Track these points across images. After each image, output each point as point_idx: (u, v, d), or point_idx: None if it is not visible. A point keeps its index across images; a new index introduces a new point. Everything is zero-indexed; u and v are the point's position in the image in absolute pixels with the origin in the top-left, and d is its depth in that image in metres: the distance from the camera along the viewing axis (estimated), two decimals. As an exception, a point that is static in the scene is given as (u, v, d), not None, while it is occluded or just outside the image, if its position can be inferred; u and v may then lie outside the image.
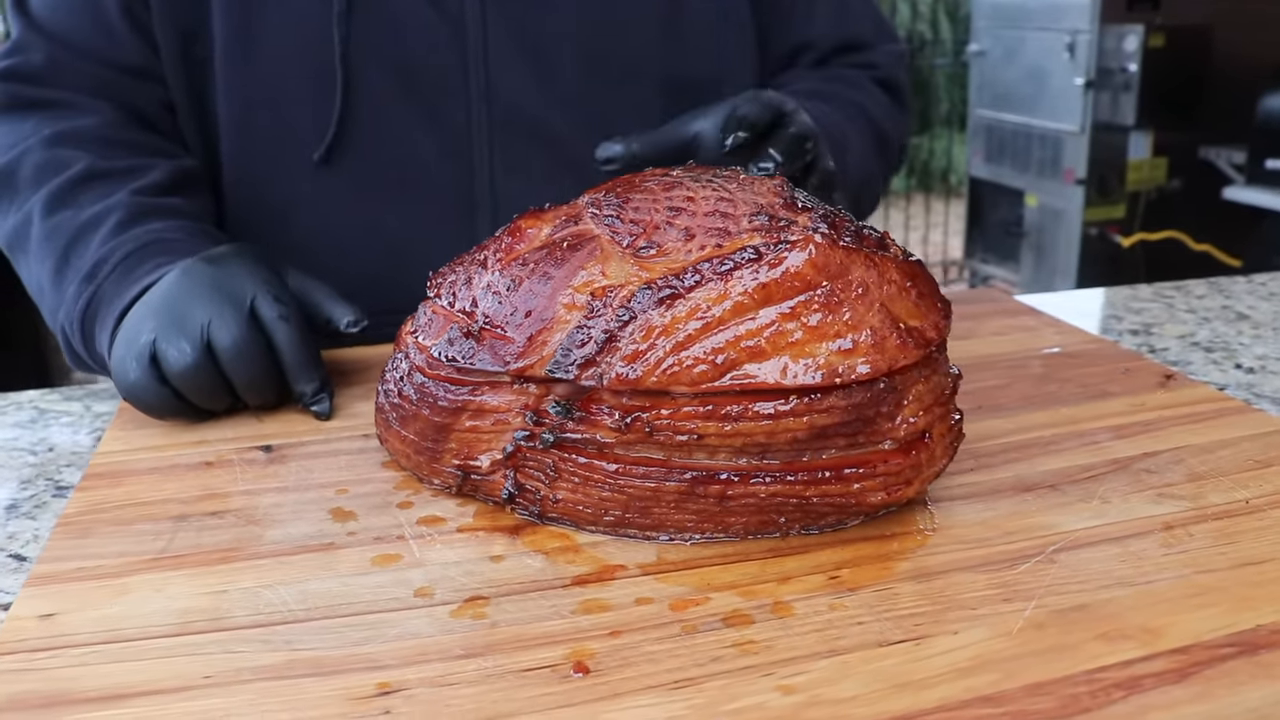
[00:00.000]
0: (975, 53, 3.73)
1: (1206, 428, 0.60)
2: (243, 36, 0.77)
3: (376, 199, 0.80)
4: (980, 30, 3.70)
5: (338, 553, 0.49)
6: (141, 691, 0.39)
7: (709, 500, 0.46)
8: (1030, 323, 0.80)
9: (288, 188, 0.80)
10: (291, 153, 0.79)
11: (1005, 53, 3.56)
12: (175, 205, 0.74)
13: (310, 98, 0.77)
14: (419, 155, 0.80)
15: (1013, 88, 3.52)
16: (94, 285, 0.68)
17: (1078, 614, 0.42)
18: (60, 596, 0.45)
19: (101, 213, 0.71)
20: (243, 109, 0.78)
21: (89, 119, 0.77)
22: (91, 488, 0.56)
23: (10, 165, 0.76)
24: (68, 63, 0.78)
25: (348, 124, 0.78)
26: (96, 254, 0.69)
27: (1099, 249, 3.20)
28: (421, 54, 0.78)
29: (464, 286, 0.50)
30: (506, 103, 0.79)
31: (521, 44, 0.78)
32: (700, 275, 0.44)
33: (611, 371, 0.44)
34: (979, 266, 3.91)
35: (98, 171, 0.74)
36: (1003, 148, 3.60)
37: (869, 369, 0.43)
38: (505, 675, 0.40)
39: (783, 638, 0.41)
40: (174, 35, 0.77)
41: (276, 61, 0.77)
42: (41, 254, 0.73)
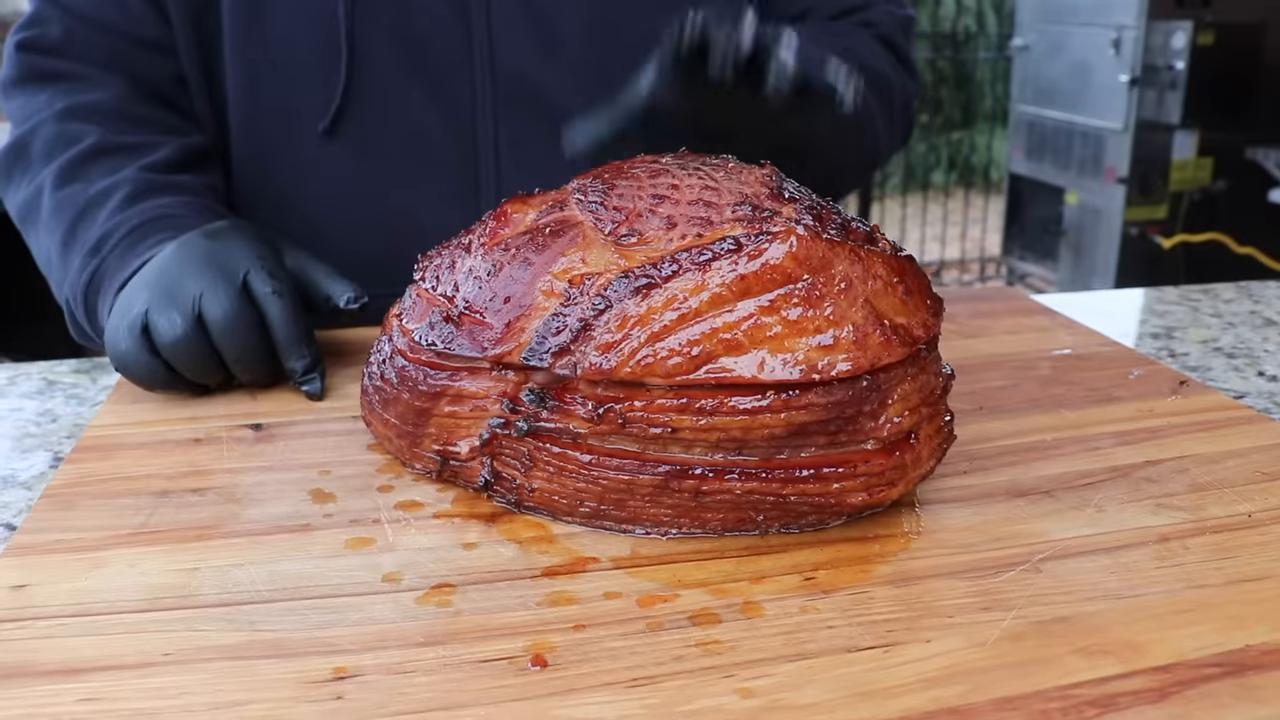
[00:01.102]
0: (1019, 47, 3.66)
1: (1215, 437, 0.58)
2: (251, 8, 0.77)
3: (381, 172, 0.80)
4: (1024, 25, 3.63)
5: (312, 534, 0.48)
6: (101, 666, 0.39)
7: (684, 495, 0.45)
8: (1044, 323, 0.78)
9: (294, 160, 0.80)
10: (298, 124, 0.79)
11: (1049, 48, 3.49)
12: (182, 182, 0.74)
13: (317, 69, 0.77)
14: (424, 128, 0.79)
15: (1056, 84, 3.46)
16: (98, 259, 0.68)
17: (1058, 626, 0.41)
18: (35, 568, 0.46)
19: (109, 187, 0.71)
20: (250, 81, 0.78)
21: (102, 93, 0.77)
22: (80, 460, 0.56)
23: (24, 138, 0.76)
24: (83, 35, 0.78)
25: (353, 96, 0.78)
26: (102, 228, 0.69)
27: (1139, 249, 3.14)
28: (426, 27, 0.77)
29: (447, 270, 0.49)
30: (510, 77, 0.78)
31: (526, 17, 0.78)
32: (678, 265, 0.43)
33: (585, 361, 0.43)
34: (1016, 264, 3.85)
35: (108, 146, 0.74)
36: (1044, 144, 3.53)
37: (850, 366, 0.42)
38: (462, 665, 0.39)
39: (749, 639, 0.40)
40: (186, 8, 0.78)
41: (283, 33, 0.77)
42: (51, 226, 0.73)
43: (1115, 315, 0.90)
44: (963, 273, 4.55)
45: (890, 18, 0.91)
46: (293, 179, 0.80)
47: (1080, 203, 3.35)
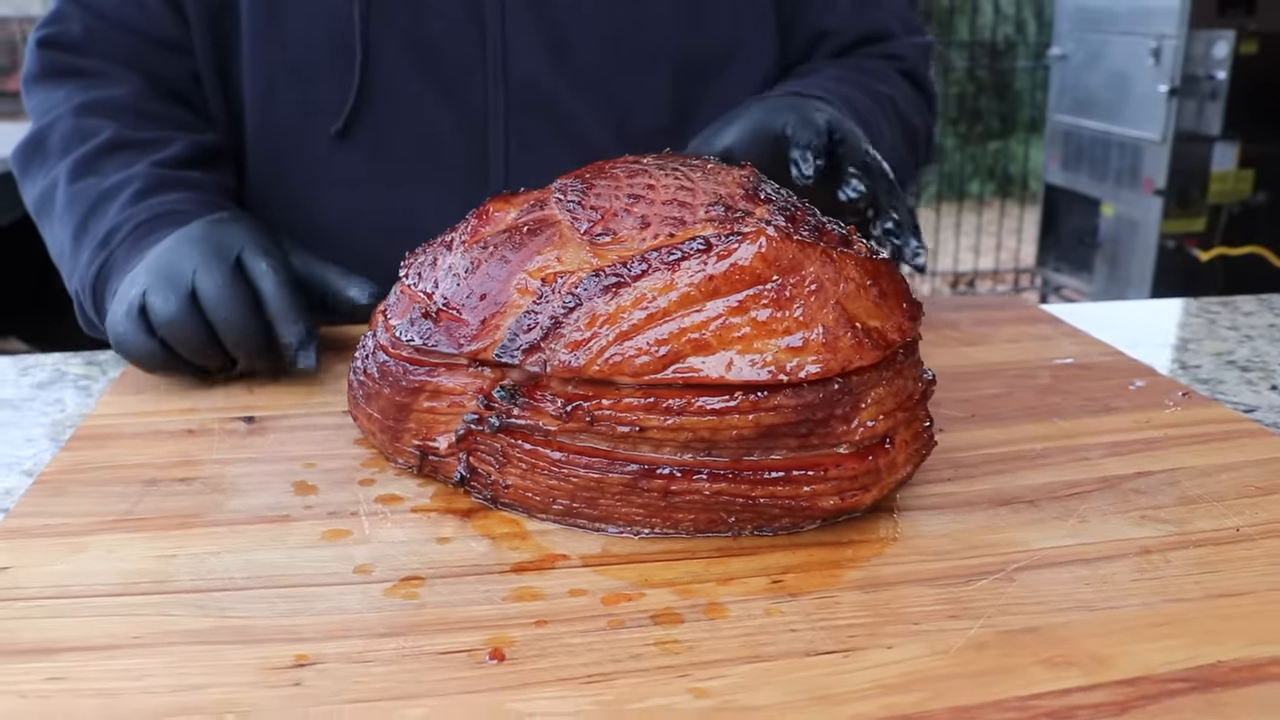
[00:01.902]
0: (1056, 56, 3.62)
1: (1211, 449, 0.57)
2: (268, 10, 0.78)
3: (393, 175, 0.81)
4: (1063, 33, 3.59)
5: (291, 525, 0.49)
6: (71, 647, 0.40)
7: (653, 495, 0.45)
8: (1048, 332, 0.77)
9: (307, 161, 0.81)
10: (312, 126, 0.80)
11: (1087, 57, 3.45)
12: (193, 178, 0.75)
13: (331, 72, 0.78)
14: (435, 132, 0.80)
15: (1093, 93, 3.41)
16: (106, 251, 0.69)
17: (1026, 636, 0.40)
18: (19, 551, 0.47)
19: (121, 182, 0.73)
20: (266, 82, 0.80)
21: (119, 89, 0.79)
22: (76, 448, 0.57)
23: (42, 132, 0.78)
24: (103, 33, 0.80)
25: (366, 98, 0.79)
26: (112, 222, 0.71)
27: (1176, 262, 3.08)
28: (440, 32, 0.78)
29: (429, 267, 0.50)
30: (522, 82, 0.79)
31: (538, 23, 0.78)
32: (648, 264, 0.43)
33: (555, 358, 0.43)
34: (1051, 276, 3.80)
35: (122, 141, 0.76)
36: (1080, 155, 3.49)
37: (819, 369, 0.42)
38: (420, 656, 0.39)
39: (708, 639, 0.40)
40: (203, 8, 0.79)
41: (299, 35, 0.78)
42: (64, 219, 0.75)
43: (1128, 325, 0.88)
44: (996, 283, 4.51)
45: (914, 50, 0.91)
46: (306, 180, 0.82)
47: (1116, 214, 3.31)
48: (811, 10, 0.86)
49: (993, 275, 4.52)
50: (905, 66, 0.89)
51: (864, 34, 0.89)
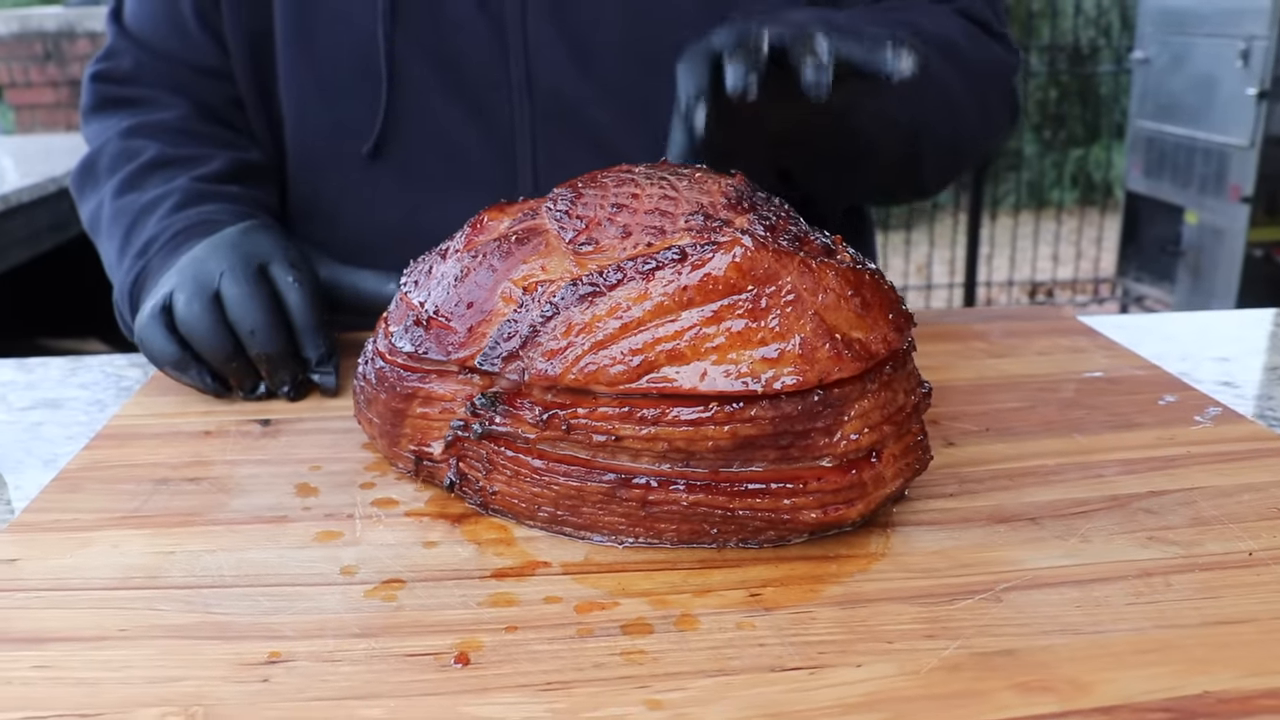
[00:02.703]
0: (1139, 60, 3.51)
1: (1235, 469, 0.54)
2: (299, 34, 0.80)
3: (424, 191, 0.82)
4: (1145, 36, 3.48)
5: (287, 526, 0.50)
6: (61, 638, 0.41)
7: (631, 504, 0.45)
8: (1082, 344, 0.74)
9: (341, 180, 0.82)
10: (344, 145, 0.81)
11: (1172, 60, 3.33)
12: (231, 192, 0.78)
13: (360, 92, 0.80)
14: (464, 148, 0.81)
15: (1177, 98, 3.29)
16: (144, 260, 0.72)
17: (1002, 659, 0.39)
18: (29, 544, 0.49)
19: (161, 195, 0.76)
20: (300, 104, 0.82)
21: (166, 113, 0.83)
22: (97, 447, 0.59)
23: (93, 156, 0.83)
24: (150, 64, 0.84)
25: (395, 118, 0.80)
26: (151, 232, 0.73)
27: (1263, 272, 2.96)
28: (464, 49, 0.79)
29: (425, 275, 0.51)
30: (547, 93, 0.79)
31: (561, 34, 0.78)
32: (623, 273, 0.43)
33: (533, 367, 0.44)
34: (1132, 285, 3.68)
35: (164, 159, 0.79)
36: (1163, 161, 3.37)
37: (796, 380, 0.41)
38: (388, 658, 0.40)
39: (675, 651, 0.40)
40: (242, 36, 0.81)
41: (329, 58, 0.80)
42: (110, 233, 0.78)
43: (1176, 338, 0.85)
44: (1076, 293, 4.38)
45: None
46: (340, 197, 0.83)
47: (1200, 222, 3.18)
48: None
49: (1072, 285, 4.39)
50: (958, 6, 0.82)
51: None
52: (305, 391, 0.67)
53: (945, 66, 0.75)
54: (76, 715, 0.37)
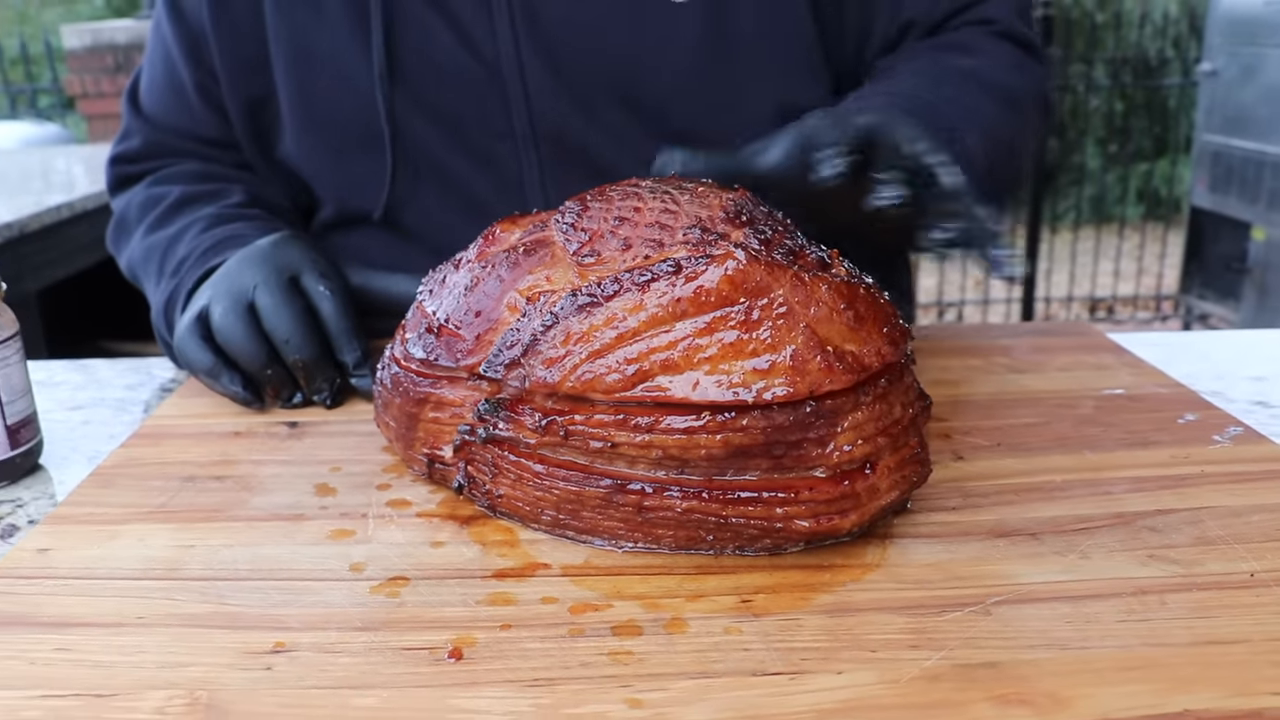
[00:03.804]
0: (1207, 72, 3.43)
1: (1247, 489, 0.54)
2: (301, 100, 0.81)
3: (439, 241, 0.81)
4: (1213, 48, 3.40)
5: (303, 523, 0.52)
6: (83, 623, 0.44)
7: (628, 510, 0.46)
8: (1107, 361, 0.74)
9: (359, 237, 0.84)
10: (358, 207, 0.83)
11: (1241, 72, 3.25)
12: (255, 214, 0.81)
13: (369, 155, 0.81)
14: (475, 198, 0.81)
15: (1247, 110, 3.21)
16: (176, 279, 0.75)
17: (984, 672, 0.39)
18: (61, 535, 0.51)
19: (189, 224, 0.79)
20: (312, 169, 0.84)
21: (180, 168, 0.87)
22: (133, 445, 0.62)
23: (123, 211, 0.87)
24: (160, 141, 0.88)
25: (404, 177, 0.81)
26: (182, 254, 0.77)
27: (1333, 292, 2.87)
28: (465, 103, 0.79)
29: (439, 285, 0.52)
30: (553, 142, 0.79)
31: (560, 84, 0.78)
32: (620, 285, 0.44)
33: (533, 374, 0.45)
34: (1195, 303, 3.59)
35: (188, 197, 0.83)
36: (1230, 176, 3.29)
37: (786, 392, 0.42)
38: (385, 651, 0.41)
39: (660, 653, 0.41)
40: (241, 103, 0.84)
41: (333, 123, 0.81)
42: (146, 270, 0.82)
43: (1213, 356, 0.84)
44: (1137, 310, 4.28)
45: (1005, 8, 0.83)
46: (359, 252, 0.84)
47: (1268, 239, 3.10)
48: (884, 7, 0.81)
49: (1133, 301, 4.30)
50: (1000, 29, 0.83)
51: (950, 10, 0.83)
52: (343, 398, 0.69)
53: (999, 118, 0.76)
54: (90, 695, 0.39)
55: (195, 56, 0.84)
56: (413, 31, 0.79)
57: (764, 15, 0.78)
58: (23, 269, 1.91)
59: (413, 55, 0.79)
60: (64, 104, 4.83)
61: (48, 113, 5.02)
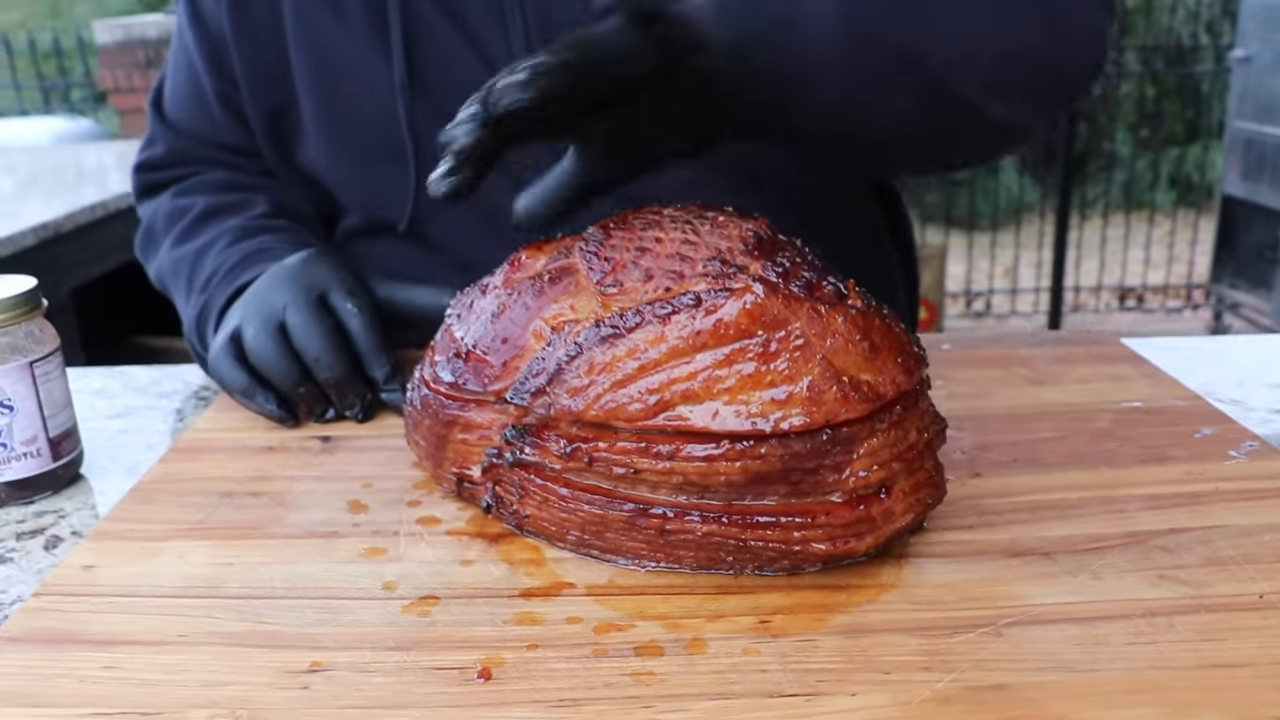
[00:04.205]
0: (1240, 59, 3.39)
1: (1261, 508, 0.54)
2: (326, 111, 0.83)
3: (463, 252, 0.83)
4: (1247, 34, 3.35)
5: (337, 541, 0.54)
6: (128, 641, 0.46)
7: (650, 532, 0.47)
8: (1126, 372, 0.74)
9: (384, 249, 0.86)
10: (382, 218, 0.85)
11: (1275, 59, 3.21)
12: (281, 225, 0.83)
13: (393, 166, 0.82)
14: (498, 212, 0.82)
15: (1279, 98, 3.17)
16: (206, 293, 0.77)
17: (993, 694, 0.41)
18: (105, 552, 0.53)
19: (216, 237, 0.81)
20: (336, 180, 0.85)
21: (206, 176, 0.89)
22: (171, 460, 0.64)
23: (150, 221, 0.89)
24: (184, 149, 0.90)
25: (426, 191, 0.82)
26: (210, 268, 0.79)
27: (1367, 282, 2.83)
28: None
29: (466, 309, 0.54)
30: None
31: None
32: (641, 317, 0.45)
33: (558, 402, 0.47)
34: (1227, 293, 3.56)
35: (213, 208, 0.85)
36: (1263, 164, 3.25)
37: (803, 421, 0.43)
38: (417, 671, 0.43)
39: (681, 674, 0.42)
40: (262, 112, 0.85)
41: (357, 133, 0.82)
42: (175, 282, 0.85)
43: (1234, 363, 0.84)
44: (1168, 298, 4.24)
45: None
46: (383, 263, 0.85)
47: (1301, 228, 3.06)
48: None
49: (1164, 290, 4.26)
50: None
51: None
52: (374, 413, 0.70)
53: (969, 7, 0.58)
54: (137, 714, 0.41)
55: (216, 64, 0.86)
56: (433, 45, 0.80)
57: None
58: (59, 269, 1.95)
59: (433, 68, 0.81)
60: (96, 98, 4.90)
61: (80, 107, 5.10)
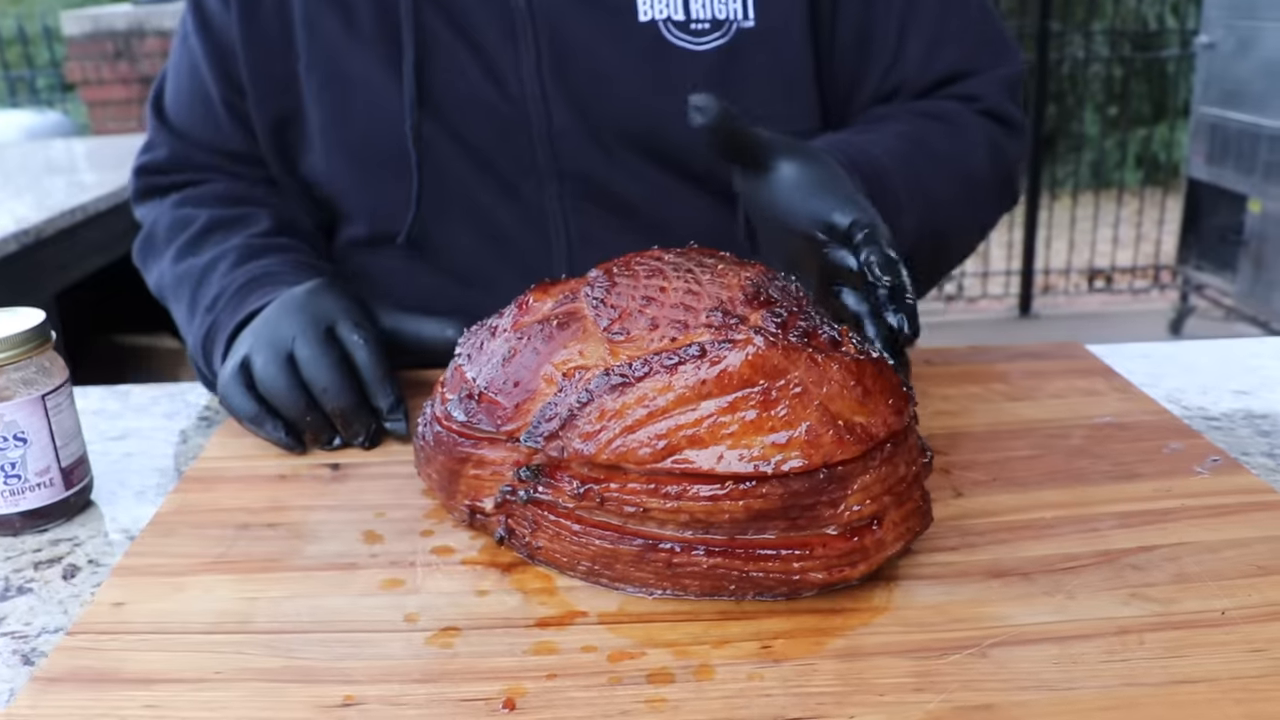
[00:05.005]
0: (1204, 45, 3.44)
1: (1223, 524, 0.58)
2: (334, 123, 0.85)
3: (461, 268, 0.87)
4: (1211, 20, 3.41)
5: (356, 573, 0.57)
6: (166, 679, 0.48)
7: (659, 564, 0.50)
8: (1099, 386, 0.78)
9: (382, 260, 0.88)
10: (383, 230, 0.87)
11: (1238, 45, 3.27)
12: (283, 244, 0.85)
13: (396, 179, 0.84)
14: (498, 228, 0.85)
15: (1244, 84, 3.23)
16: (212, 315, 0.79)
17: (980, 713, 0.44)
18: (131, 588, 0.56)
19: (219, 255, 0.83)
20: (339, 190, 0.87)
21: (208, 187, 0.90)
22: (185, 491, 0.67)
23: (151, 229, 0.91)
24: (186, 153, 0.92)
25: (429, 203, 0.84)
26: (216, 289, 0.81)
27: (1328, 265, 2.91)
28: (491, 135, 0.83)
29: (477, 350, 0.57)
30: (574, 176, 0.83)
31: (582, 124, 0.82)
32: (650, 367, 0.48)
33: (571, 445, 0.50)
34: (1193, 274, 3.63)
35: (216, 222, 0.87)
36: (1227, 148, 3.31)
37: (802, 463, 0.47)
38: (445, 702, 0.46)
39: (692, 700, 0.46)
40: (267, 120, 0.87)
41: (364, 146, 0.85)
42: (177, 297, 0.86)
43: (1199, 368, 0.88)
44: (1135, 279, 4.32)
45: (996, 85, 0.89)
46: (381, 274, 0.88)
47: (1264, 211, 3.13)
48: (876, 65, 0.86)
49: (1132, 272, 4.33)
50: (985, 106, 0.88)
51: (937, 79, 0.89)
52: (379, 440, 0.73)
53: (956, 201, 0.84)
54: (185, 752, 0.44)
55: (223, 71, 0.87)
56: (443, 61, 0.83)
57: (773, 64, 0.82)
58: (41, 274, 1.95)
59: (442, 84, 0.83)
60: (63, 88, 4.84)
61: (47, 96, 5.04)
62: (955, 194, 0.84)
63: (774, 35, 0.82)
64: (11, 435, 0.65)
